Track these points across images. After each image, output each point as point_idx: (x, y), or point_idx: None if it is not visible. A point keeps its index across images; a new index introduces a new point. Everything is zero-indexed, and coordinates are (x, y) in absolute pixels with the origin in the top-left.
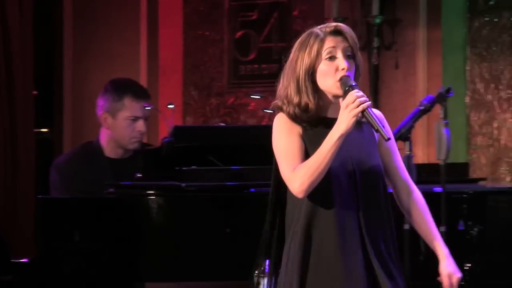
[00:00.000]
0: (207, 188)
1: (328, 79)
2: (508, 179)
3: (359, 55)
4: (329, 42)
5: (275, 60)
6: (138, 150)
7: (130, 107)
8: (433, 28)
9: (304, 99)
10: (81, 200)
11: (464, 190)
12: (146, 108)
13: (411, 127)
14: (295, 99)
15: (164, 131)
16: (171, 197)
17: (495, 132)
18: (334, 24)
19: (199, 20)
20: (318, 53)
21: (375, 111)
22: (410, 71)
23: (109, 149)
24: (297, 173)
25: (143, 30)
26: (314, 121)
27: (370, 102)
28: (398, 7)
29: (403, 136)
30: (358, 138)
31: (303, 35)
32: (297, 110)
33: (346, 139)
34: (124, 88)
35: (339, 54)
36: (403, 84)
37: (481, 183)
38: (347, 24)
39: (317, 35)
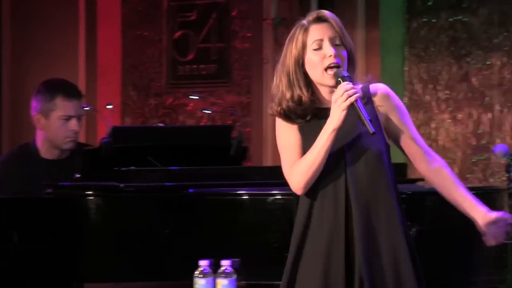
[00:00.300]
0: (145, 188)
1: (317, 68)
2: None
3: (348, 39)
4: (314, 31)
5: (214, 61)
6: (74, 151)
7: (62, 106)
8: (371, 29)
9: (297, 92)
10: (20, 200)
11: (402, 191)
12: (85, 108)
13: None
14: (287, 94)
15: (102, 131)
16: (110, 198)
17: (433, 132)
18: (317, 11)
19: (137, 20)
20: (304, 43)
21: (379, 85)
22: None
23: (45, 150)
24: (294, 169)
25: (82, 30)
26: (310, 114)
27: (358, 94)
28: (336, 7)
29: None
30: (355, 126)
31: (292, 30)
32: (291, 103)
33: (340, 129)
34: (55, 88)
35: (326, 43)
36: None
37: (420, 183)
38: (285, 25)
39: (302, 26)
